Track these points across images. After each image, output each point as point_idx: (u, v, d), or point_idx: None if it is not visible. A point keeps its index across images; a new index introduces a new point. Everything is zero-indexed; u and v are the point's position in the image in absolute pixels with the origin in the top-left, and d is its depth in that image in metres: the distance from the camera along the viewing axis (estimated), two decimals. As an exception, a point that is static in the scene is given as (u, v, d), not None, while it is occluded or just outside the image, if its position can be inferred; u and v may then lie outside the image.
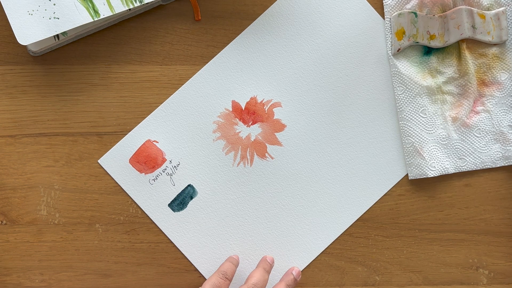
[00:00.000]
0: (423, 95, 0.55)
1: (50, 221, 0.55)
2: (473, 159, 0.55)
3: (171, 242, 0.55)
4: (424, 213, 0.56)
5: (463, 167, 0.55)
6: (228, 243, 0.55)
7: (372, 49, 0.56)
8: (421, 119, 0.55)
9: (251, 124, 0.55)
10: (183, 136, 0.55)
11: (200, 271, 0.55)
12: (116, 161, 0.55)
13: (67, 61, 0.55)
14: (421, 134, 0.55)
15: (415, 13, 0.55)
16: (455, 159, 0.55)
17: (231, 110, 0.55)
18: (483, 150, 0.55)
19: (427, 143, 0.55)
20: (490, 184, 0.56)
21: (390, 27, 0.55)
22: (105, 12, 0.52)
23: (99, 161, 0.55)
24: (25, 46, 0.54)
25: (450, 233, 0.56)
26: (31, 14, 0.51)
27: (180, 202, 0.55)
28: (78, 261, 0.55)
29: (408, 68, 0.56)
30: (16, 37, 0.50)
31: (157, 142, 0.55)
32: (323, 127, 0.56)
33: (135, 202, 0.55)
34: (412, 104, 0.55)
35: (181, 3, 0.55)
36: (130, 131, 0.55)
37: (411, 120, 0.55)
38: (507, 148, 0.55)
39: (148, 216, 0.55)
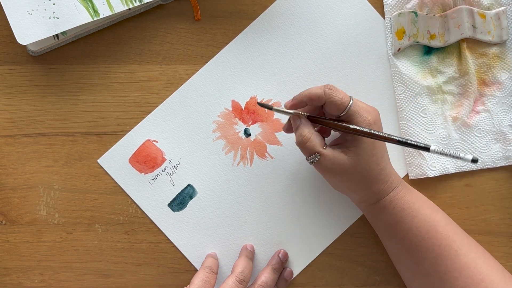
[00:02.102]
0: (424, 94, 0.55)
1: (49, 221, 0.54)
2: (473, 159, 0.55)
3: (171, 242, 0.55)
4: (425, 213, 0.55)
5: (464, 167, 0.55)
6: (228, 243, 0.55)
7: (372, 48, 0.56)
8: (421, 119, 0.55)
9: (251, 124, 0.55)
10: (183, 135, 0.55)
11: (200, 271, 0.55)
12: (115, 161, 0.55)
13: (67, 61, 0.55)
14: (421, 134, 0.55)
15: (415, 13, 0.55)
16: (456, 159, 0.55)
17: (231, 109, 0.55)
18: (484, 150, 0.55)
19: (427, 143, 0.55)
20: (491, 184, 0.56)
21: (390, 27, 0.55)
22: (104, 12, 0.51)
23: (98, 161, 0.55)
24: (24, 46, 0.54)
25: (450, 233, 0.55)
26: (31, 14, 0.51)
27: (180, 202, 0.55)
28: (77, 261, 0.55)
29: (409, 68, 0.55)
30: (16, 37, 0.50)
31: (157, 142, 0.55)
32: (323, 127, 0.55)
33: (135, 202, 0.55)
34: (412, 103, 0.55)
35: (180, 2, 0.55)
36: (129, 130, 0.55)
37: (412, 120, 0.55)
38: (508, 148, 0.55)
39: (147, 216, 0.55)
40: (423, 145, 0.42)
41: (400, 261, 0.51)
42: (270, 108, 0.49)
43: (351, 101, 0.47)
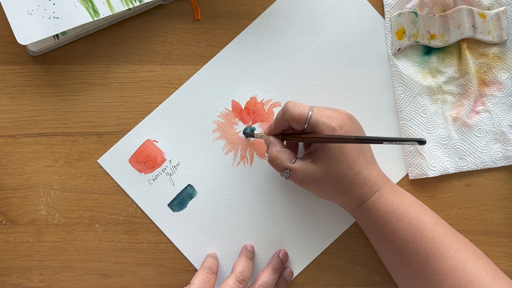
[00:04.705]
0: (424, 95, 0.55)
1: (49, 221, 0.55)
2: (473, 159, 0.55)
3: (171, 242, 0.55)
4: (425, 213, 0.55)
5: (464, 167, 0.55)
6: (228, 243, 0.55)
7: (372, 48, 0.56)
8: (421, 119, 0.55)
9: (251, 124, 0.55)
10: (183, 135, 0.55)
11: (200, 271, 0.55)
12: (115, 161, 0.55)
13: (67, 61, 0.55)
14: (421, 134, 0.55)
15: (415, 13, 0.55)
16: (456, 159, 0.55)
17: (231, 109, 0.55)
18: (484, 150, 0.55)
19: (427, 143, 0.55)
20: (491, 184, 0.56)
21: (391, 27, 0.55)
22: (104, 12, 0.51)
23: (98, 161, 0.55)
24: (24, 46, 0.54)
25: (450, 233, 0.55)
26: (31, 14, 0.51)
27: (180, 202, 0.55)
28: (77, 261, 0.55)
29: (409, 68, 0.55)
30: (16, 37, 0.50)
31: (157, 142, 0.55)
32: (323, 127, 0.55)
33: (135, 202, 0.55)
34: (412, 104, 0.55)
35: (180, 2, 0.55)
36: (129, 130, 0.55)
37: (412, 120, 0.55)
38: (508, 148, 0.55)
39: (147, 216, 0.55)
40: (377, 139, 0.42)
41: (388, 264, 0.51)
42: (252, 136, 0.54)
43: (310, 112, 0.47)
